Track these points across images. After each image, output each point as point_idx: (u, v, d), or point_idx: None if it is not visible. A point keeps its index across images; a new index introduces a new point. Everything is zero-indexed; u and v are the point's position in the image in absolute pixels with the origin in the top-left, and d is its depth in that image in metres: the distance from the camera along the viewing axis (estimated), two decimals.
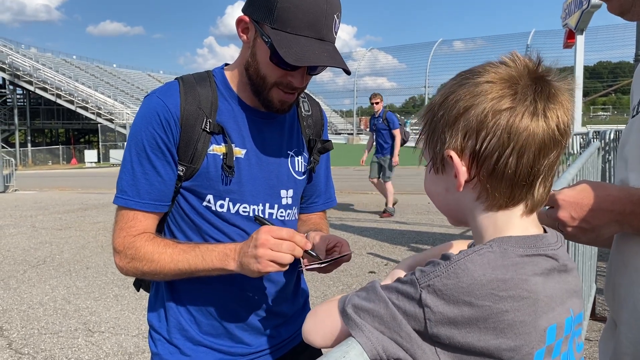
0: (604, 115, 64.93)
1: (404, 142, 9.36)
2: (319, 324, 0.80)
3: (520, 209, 0.77)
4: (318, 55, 1.23)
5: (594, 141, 5.70)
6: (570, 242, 2.36)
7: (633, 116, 1.17)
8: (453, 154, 0.75)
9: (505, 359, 0.69)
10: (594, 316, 4.16)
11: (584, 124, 17.93)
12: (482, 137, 0.73)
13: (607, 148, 5.22)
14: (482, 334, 0.68)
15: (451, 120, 0.75)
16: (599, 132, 5.84)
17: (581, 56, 10.18)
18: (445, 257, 0.72)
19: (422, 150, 0.84)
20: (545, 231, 0.82)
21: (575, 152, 7.46)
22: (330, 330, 0.77)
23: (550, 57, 0.79)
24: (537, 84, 0.74)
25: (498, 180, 0.74)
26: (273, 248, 1.18)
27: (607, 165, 5.22)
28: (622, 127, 1.27)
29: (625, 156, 1.14)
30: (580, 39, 10.08)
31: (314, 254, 1.28)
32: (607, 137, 5.25)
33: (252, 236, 1.23)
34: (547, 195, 0.79)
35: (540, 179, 0.76)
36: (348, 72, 1.31)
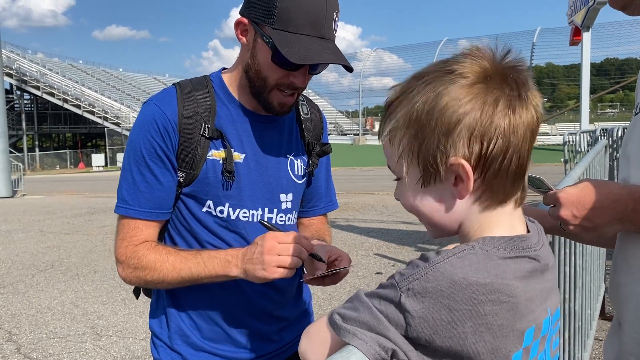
0: (611, 112, 64.60)
1: None
2: (313, 342, 0.79)
3: (512, 203, 0.77)
4: (320, 53, 1.22)
5: (601, 139, 5.66)
6: (578, 242, 2.34)
7: (636, 114, 1.16)
8: (464, 162, 0.72)
9: None
10: (603, 315, 4.13)
11: (591, 121, 17.82)
12: (487, 142, 0.71)
13: (614, 146, 5.18)
14: (461, 338, 0.68)
15: (449, 129, 0.72)
16: (606, 129, 5.80)
17: (588, 53, 10.13)
18: (425, 259, 0.71)
19: (403, 165, 0.77)
20: (528, 229, 0.81)
21: (583, 150, 7.42)
22: (323, 346, 0.76)
23: (556, 55, 0.78)
24: (516, 76, 0.74)
25: (502, 179, 0.74)
26: (280, 253, 1.19)
27: (614, 163, 5.17)
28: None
29: (627, 154, 1.14)
30: (586, 36, 10.03)
31: (319, 256, 1.29)
32: (615, 134, 5.21)
33: (257, 242, 1.22)
34: (526, 181, 0.79)
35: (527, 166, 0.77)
36: (350, 69, 1.30)
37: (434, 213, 0.79)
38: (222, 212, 1.36)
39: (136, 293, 1.55)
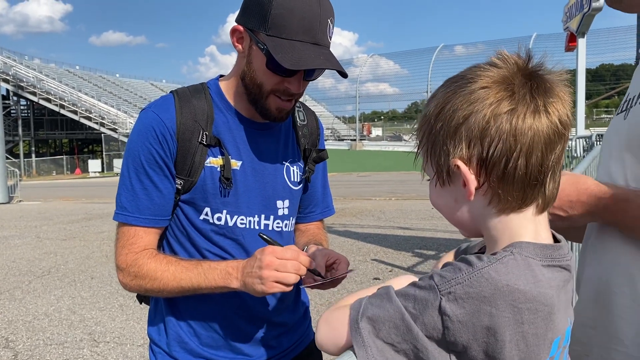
0: (607, 118, 64.83)
1: None
2: (333, 334, 0.77)
3: (532, 208, 0.76)
4: (314, 59, 1.23)
5: (597, 144, 5.69)
6: (575, 245, 2.35)
7: (622, 111, 1.22)
8: (460, 163, 0.73)
9: None
10: None
11: (587, 127, 17.90)
12: (487, 144, 0.71)
13: None
14: (498, 345, 0.68)
15: (452, 131, 0.74)
16: (602, 135, 5.83)
17: (583, 59, 10.18)
18: (468, 262, 0.70)
19: (423, 165, 0.81)
20: (556, 238, 0.81)
21: (579, 155, 7.45)
22: (345, 340, 0.75)
23: (552, 61, 0.78)
24: (532, 81, 0.73)
25: (509, 183, 0.73)
26: (278, 269, 1.18)
27: None
28: None
29: (610, 147, 1.20)
30: (581, 42, 10.08)
31: (318, 272, 1.29)
32: None
33: (256, 256, 1.22)
34: (557, 190, 0.78)
35: (549, 175, 0.75)
36: (344, 75, 1.31)
37: (452, 212, 0.81)
38: (219, 219, 1.37)
39: (139, 299, 1.55)
